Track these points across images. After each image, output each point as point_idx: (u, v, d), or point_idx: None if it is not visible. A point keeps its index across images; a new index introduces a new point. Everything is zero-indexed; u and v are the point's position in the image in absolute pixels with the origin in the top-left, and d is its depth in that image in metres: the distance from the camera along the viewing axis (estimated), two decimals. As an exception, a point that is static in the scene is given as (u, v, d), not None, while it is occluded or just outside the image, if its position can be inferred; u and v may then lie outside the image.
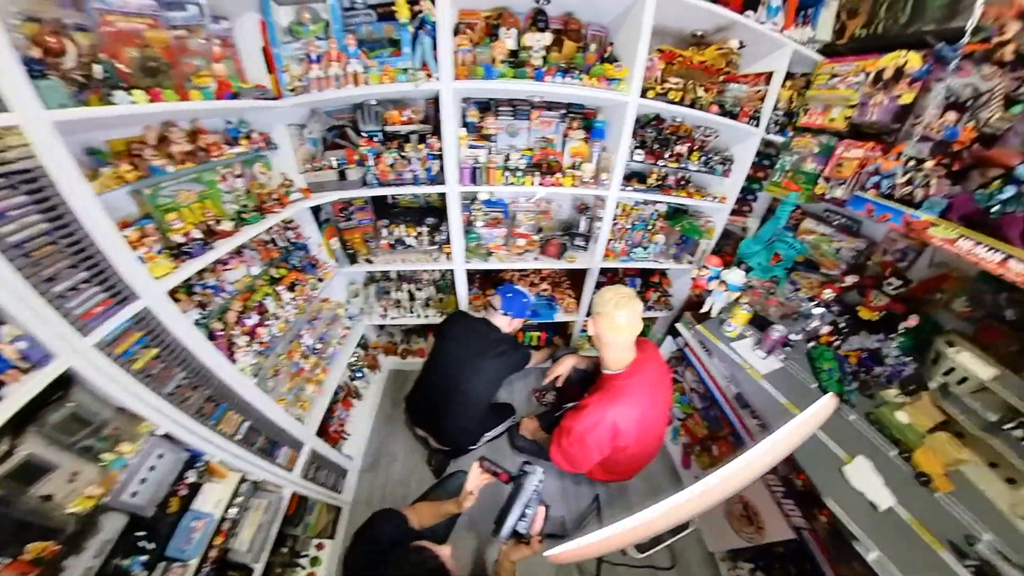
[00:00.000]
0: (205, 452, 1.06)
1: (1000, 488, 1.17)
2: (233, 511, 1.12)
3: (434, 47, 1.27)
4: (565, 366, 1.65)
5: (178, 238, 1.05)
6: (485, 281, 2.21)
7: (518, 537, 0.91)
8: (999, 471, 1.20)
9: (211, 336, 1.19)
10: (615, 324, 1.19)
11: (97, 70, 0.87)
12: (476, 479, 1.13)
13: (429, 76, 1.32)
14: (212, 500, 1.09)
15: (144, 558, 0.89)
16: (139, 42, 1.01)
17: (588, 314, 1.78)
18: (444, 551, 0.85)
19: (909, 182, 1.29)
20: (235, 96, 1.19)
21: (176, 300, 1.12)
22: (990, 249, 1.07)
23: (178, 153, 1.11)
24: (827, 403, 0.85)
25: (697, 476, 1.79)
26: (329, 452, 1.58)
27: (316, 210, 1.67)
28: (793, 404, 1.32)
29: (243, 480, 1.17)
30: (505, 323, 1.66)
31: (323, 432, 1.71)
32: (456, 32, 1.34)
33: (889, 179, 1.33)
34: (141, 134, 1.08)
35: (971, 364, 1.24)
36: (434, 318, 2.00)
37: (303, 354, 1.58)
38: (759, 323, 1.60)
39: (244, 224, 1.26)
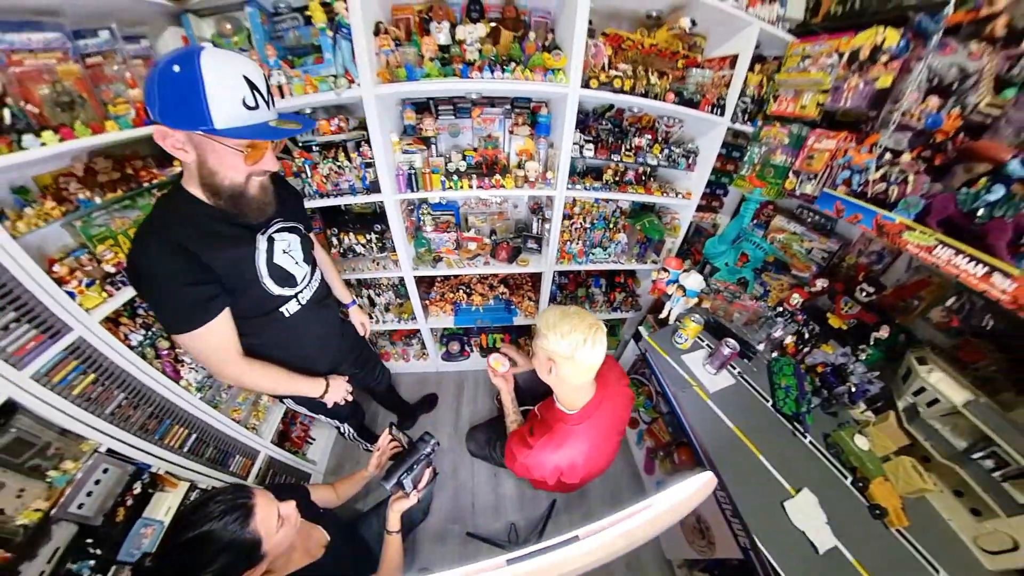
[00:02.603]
0: (151, 465, 1.21)
1: (965, 519, 1.14)
2: (183, 517, 1.28)
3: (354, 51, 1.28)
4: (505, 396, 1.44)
5: (108, 268, 1.16)
6: (444, 284, 2.26)
7: (402, 488, 1.11)
8: (964, 500, 1.17)
9: (158, 355, 1.33)
10: (585, 367, 0.97)
11: (6, 115, 0.94)
12: (382, 442, 1.31)
13: (352, 82, 1.33)
14: (163, 508, 1.25)
15: (91, 562, 1.05)
16: (49, 78, 1.09)
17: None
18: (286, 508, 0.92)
19: (884, 178, 1.21)
20: (157, 120, 1.26)
21: (118, 324, 1.26)
22: (972, 260, 0.99)
23: (107, 182, 1.21)
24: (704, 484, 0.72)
25: (659, 481, 1.83)
26: (287, 458, 1.74)
27: (265, 221, 1.75)
28: (740, 430, 1.30)
29: (193, 488, 1.33)
30: None
31: (286, 438, 1.88)
32: (377, 32, 1.33)
33: (862, 174, 1.24)
34: (70, 165, 1.18)
35: (943, 386, 1.20)
36: (393, 323, 2.07)
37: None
38: (718, 332, 1.57)
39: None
